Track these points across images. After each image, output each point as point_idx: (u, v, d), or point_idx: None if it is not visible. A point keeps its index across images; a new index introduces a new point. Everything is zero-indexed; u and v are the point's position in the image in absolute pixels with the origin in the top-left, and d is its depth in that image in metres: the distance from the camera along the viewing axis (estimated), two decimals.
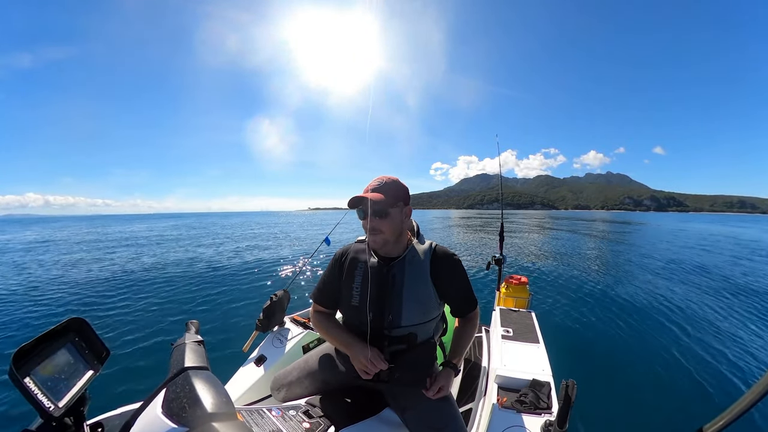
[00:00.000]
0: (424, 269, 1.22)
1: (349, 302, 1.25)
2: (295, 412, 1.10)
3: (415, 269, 1.22)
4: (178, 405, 0.64)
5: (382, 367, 1.16)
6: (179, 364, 0.76)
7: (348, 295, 1.26)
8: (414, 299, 1.20)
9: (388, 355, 1.22)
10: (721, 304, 5.51)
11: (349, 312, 1.29)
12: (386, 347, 1.22)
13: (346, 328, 1.32)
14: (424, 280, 1.21)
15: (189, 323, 1.01)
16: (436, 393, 1.15)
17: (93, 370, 0.71)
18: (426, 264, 1.23)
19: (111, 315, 5.21)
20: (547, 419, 1.29)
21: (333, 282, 1.32)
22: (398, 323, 1.19)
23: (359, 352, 1.17)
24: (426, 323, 1.24)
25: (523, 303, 2.79)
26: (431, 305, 1.23)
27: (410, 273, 1.21)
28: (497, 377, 1.63)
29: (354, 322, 1.27)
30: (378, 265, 1.24)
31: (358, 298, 1.23)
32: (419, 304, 1.20)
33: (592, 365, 3.46)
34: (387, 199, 1.16)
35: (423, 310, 1.21)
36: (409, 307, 1.19)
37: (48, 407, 0.56)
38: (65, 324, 0.69)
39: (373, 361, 1.14)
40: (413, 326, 1.21)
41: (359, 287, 1.23)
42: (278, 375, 1.42)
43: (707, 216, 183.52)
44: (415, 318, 1.20)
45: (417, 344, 1.26)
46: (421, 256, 1.25)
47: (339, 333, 1.28)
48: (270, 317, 2.06)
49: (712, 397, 2.88)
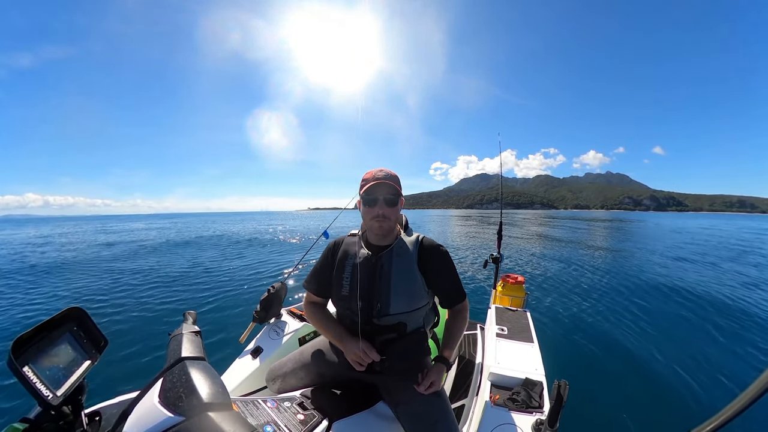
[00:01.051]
0: (411, 259, 1.27)
1: (339, 292, 1.30)
2: (290, 403, 1.11)
3: (403, 259, 1.27)
4: (175, 394, 0.65)
5: (374, 357, 1.19)
6: (176, 354, 0.77)
7: (338, 285, 1.30)
8: (401, 288, 1.23)
9: (378, 344, 1.25)
10: (718, 305, 5.56)
11: (339, 302, 1.32)
12: (377, 337, 1.25)
13: (338, 320, 1.36)
14: (411, 269, 1.26)
15: (186, 314, 1.02)
16: (427, 388, 1.16)
17: (91, 359, 0.72)
18: (413, 254, 1.28)
19: (109, 305, 5.24)
20: (539, 418, 1.30)
21: (325, 270, 1.37)
22: (386, 311, 1.22)
23: (351, 344, 1.21)
24: (414, 311, 1.27)
25: (518, 302, 2.80)
26: (419, 294, 1.26)
27: (398, 263, 1.26)
28: (490, 375, 1.64)
29: (345, 312, 1.31)
30: (368, 256, 1.29)
31: (348, 288, 1.27)
32: (406, 293, 1.24)
33: (585, 366, 3.50)
34: (397, 189, 1.24)
35: (410, 299, 1.25)
36: (397, 295, 1.22)
37: (46, 396, 0.57)
38: (64, 313, 0.70)
39: (365, 351, 1.18)
40: (402, 314, 1.24)
41: (349, 277, 1.28)
42: (273, 366, 1.44)
43: (705, 215, 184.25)
44: (403, 306, 1.23)
45: (407, 333, 1.28)
46: (408, 246, 1.30)
47: (331, 326, 1.33)
48: (267, 309, 2.07)
49: (704, 400, 2.91)
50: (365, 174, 1.28)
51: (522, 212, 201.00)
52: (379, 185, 1.22)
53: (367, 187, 1.22)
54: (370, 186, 1.21)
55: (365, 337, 1.24)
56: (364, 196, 1.23)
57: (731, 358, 3.71)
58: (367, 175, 1.26)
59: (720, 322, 4.78)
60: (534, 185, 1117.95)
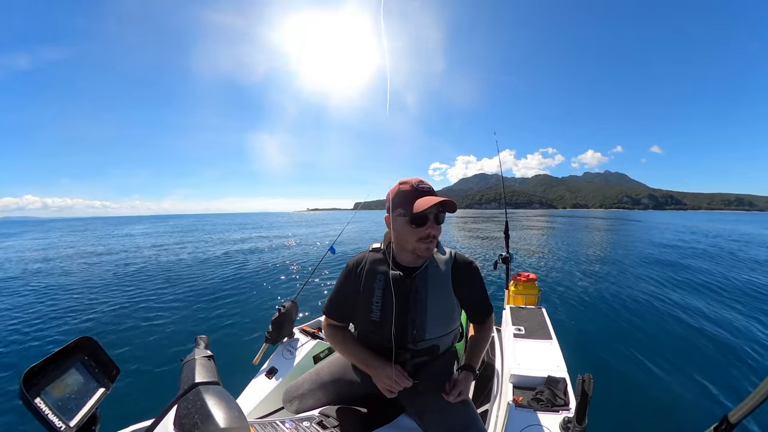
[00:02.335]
0: (446, 279, 1.18)
1: (368, 317, 1.17)
2: (309, 423, 1.08)
3: (438, 280, 1.17)
4: (190, 421, 0.63)
5: (406, 385, 1.11)
6: (190, 379, 0.76)
7: (367, 309, 1.17)
8: (438, 312, 1.15)
9: (410, 367, 1.18)
10: (738, 294, 5.41)
11: (367, 327, 1.20)
12: (408, 360, 1.18)
13: (362, 343, 1.26)
14: (446, 290, 1.17)
15: (198, 338, 1.01)
16: (456, 397, 1.13)
17: (104, 388, 0.71)
18: (448, 274, 1.18)
19: (119, 332, 5.22)
20: (566, 416, 1.26)
21: (347, 294, 1.24)
22: (422, 336, 1.14)
23: (382, 372, 1.12)
24: (449, 334, 1.21)
25: (533, 300, 2.75)
26: (455, 316, 1.19)
27: (433, 284, 1.16)
28: (512, 376, 1.60)
29: (374, 337, 1.20)
30: (400, 278, 1.15)
31: (379, 313, 1.15)
32: (443, 316, 1.16)
33: (608, 358, 3.40)
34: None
35: (447, 322, 1.17)
36: (434, 319, 1.14)
37: (59, 427, 0.56)
38: (75, 343, 0.69)
39: (397, 381, 1.10)
40: (437, 338, 1.17)
41: (380, 301, 1.15)
42: (290, 387, 1.41)
43: (705, 213, 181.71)
44: (440, 330, 1.16)
45: (439, 354, 1.23)
46: (442, 265, 1.19)
47: (357, 350, 1.23)
48: (279, 329, 2.05)
49: (736, 385, 2.80)
50: (400, 184, 1.10)
51: (522, 211, 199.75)
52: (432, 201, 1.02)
53: (417, 203, 1.03)
54: (422, 201, 1.03)
55: (396, 362, 1.14)
56: (412, 213, 1.04)
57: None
58: (405, 186, 1.08)
59: (748, 310, 4.64)
60: (533, 185, 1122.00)
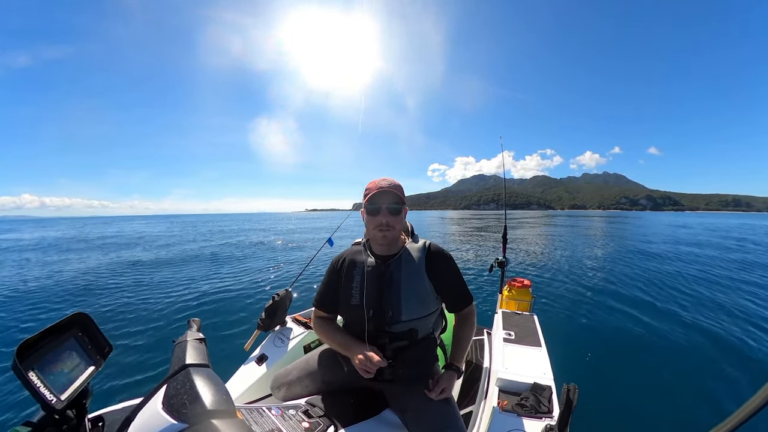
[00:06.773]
0: (420, 265, 1.26)
1: (348, 302, 1.27)
2: (295, 411, 1.10)
3: (411, 266, 1.26)
4: (179, 401, 0.64)
5: (381, 364, 1.14)
6: (180, 361, 0.77)
7: (347, 295, 1.28)
8: (412, 294, 1.22)
9: (390, 352, 1.23)
10: (730, 302, 5.43)
11: (349, 311, 1.30)
12: (388, 344, 1.23)
13: (346, 330, 1.34)
14: (420, 275, 1.25)
15: (191, 321, 1.02)
16: (438, 394, 1.16)
17: (95, 365, 0.72)
18: (421, 260, 1.28)
19: (114, 312, 5.27)
20: (548, 423, 1.27)
21: (332, 286, 1.36)
22: (398, 318, 1.21)
23: (358, 352, 1.18)
24: (425, 317, 1.25)
25: (525, 306, 2.77)
26: (429, 299, 1.25)
27: (407, 269, 1.25)
28: (498, 380, 1.62)
29: (355, 320, 1.28)
30: (376, 264, 1.27)
31: (357, 297, 1.25)
32: (417, 299, 1.23)
33: (595, 369, 3.42)
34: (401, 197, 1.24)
35: (421, 305, 1.24)
36: (408, 302, 1.21)
37: (50, 400, 0.57)
38: (69, 319, 0.70)
39: (371, 359, 1.13)
40: (413, 321, 1.22)
41: (358, 286, 1.27)
42: (278, 374, 1.43)
43: (702, 214, 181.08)
44: (415, 312, 1.22)
45: (418, 339, 1.27)
46: (416, 253, 1.29)
47: (339, 336, 1.31)
48: (272, 317, 2.06)
49: (720, 401, 2.83)
50: (369, 183, 1.28)
51: (519, 212, 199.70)
52: (382, 194, 1.21)
53: (370, 196, 1.21)
54: (373, 195, 1.21)
55: (377, 346, 1.21)
56: (367, 205, 1.22)
57: (750, 357, 3.61)
58: (370, 185, 1.26)
59: (738, 322, 4.67)
60: (531, 186, 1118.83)
